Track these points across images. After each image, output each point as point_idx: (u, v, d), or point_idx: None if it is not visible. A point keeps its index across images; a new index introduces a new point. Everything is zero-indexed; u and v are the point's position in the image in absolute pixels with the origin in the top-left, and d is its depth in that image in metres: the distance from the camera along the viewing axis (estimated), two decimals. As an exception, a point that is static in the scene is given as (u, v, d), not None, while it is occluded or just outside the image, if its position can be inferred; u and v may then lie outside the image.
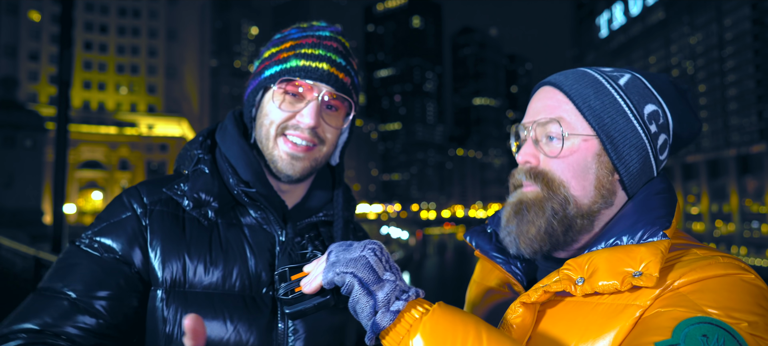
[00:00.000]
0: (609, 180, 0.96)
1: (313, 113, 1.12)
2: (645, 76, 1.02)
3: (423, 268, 60.78)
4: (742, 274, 0.81)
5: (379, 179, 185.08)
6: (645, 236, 0.88)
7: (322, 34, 1.19)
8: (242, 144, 1.18)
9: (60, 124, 8.68)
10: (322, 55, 1.15)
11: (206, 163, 1.18)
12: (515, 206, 0.99)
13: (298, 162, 1.16)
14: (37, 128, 27.34)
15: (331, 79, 1.14)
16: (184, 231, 1.11)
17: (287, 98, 1.15)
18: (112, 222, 1.10)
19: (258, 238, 1.15)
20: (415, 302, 0.81)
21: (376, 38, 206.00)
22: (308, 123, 1.13)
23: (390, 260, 0.88)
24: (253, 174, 1.16)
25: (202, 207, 1.13)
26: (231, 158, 1.18)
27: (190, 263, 1.09)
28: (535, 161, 0.99)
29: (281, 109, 1.14)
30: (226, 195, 1.16)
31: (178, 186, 1.16)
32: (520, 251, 0.98)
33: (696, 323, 0.74)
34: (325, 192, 1.29)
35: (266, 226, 1.16)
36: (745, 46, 70.95)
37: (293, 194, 1.24)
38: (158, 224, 1.11)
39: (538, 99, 1.03)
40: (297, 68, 1.14)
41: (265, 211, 1.16)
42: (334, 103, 1.17)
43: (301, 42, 1.17)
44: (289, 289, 0.92)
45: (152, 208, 1.12)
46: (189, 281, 1.08)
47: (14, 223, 22.13)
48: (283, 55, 1.17)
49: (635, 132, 0.96)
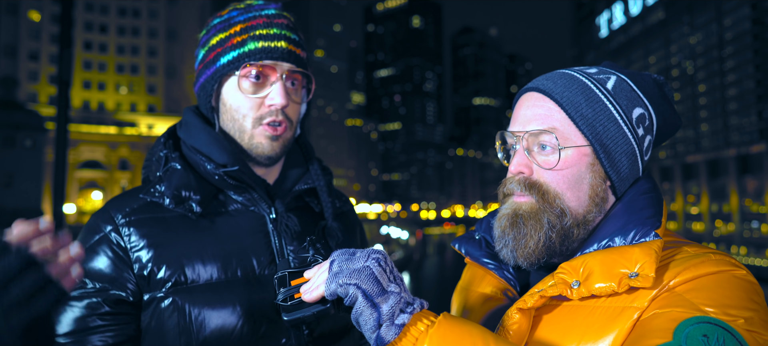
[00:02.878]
0: (602, 188, 0.96)
1: (282, 92, 1.13)
2: (629, 77, 1.01)
3: (423, 268, 60.82)
4: (734, 270, 0.82)
5: (379, 179, 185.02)
6: (637, 237, 0.87)
7: (271, 13, 1.18)
8: (210, 131, 1.17)
9: (60, 124, 8.68)
10: (278, 33, 1.15)
11: (176, 159, 1.15)
12: (511, 218, 0.96)
13: (276, 142, 1.16)
14: (37, 128, 27.35)
15: (292, 56, 1.15)
16: (170, 230, 1.09)
17: (251, 83, 1.14)
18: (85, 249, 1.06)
19: (248, 220, 1.15)
20: (419, 315, 0.80)
21: (376, 38, 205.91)
22: (280, 103, 1.13)
23: (394, 269, 0.85)
24: (230, 155, 1.14)
25: (185, 202, 1.11)
26: (201, 147, 1.15)
27: (187, 260, 1.07)
28: (528, 172, 0.97)
29: (250, 97, 1.14)
30: (206, 185, 1.14)
31: (154, 189, 1.13)
32: (518, 263, 0.96)
33: (695, 324, 0.74)
34: (299, 166, 1.30)
35: (253, 207, 1.16)
36: (744, 46, 70.93)
37: (270, 175, 1.24)
38: (140, 232, 1.08)
39: (527, 106, 0.99)
40: (257, 50, 1.12)
41: (248, 191, 1.16)
42: (295, 77, 1.18)
43: (252, 23, 1.15)
44: (288, 295, 0.90)
45: (128, 219, 1.09)
46: (189, 278, 1.07)
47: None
48: (236, 39, 1.14)
49: (626, 138, 0.96)
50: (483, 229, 1.14)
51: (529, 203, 0.95)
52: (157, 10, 73.07)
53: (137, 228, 1.08)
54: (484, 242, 1.12)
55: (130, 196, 1.14)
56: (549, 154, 0.95)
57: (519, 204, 0.96)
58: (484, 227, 1.13)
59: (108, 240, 1.07)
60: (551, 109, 0.96)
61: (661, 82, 1.04)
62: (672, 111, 1.04)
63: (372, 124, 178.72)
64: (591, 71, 1.01)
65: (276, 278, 0.94)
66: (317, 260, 0.96)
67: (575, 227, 0.95)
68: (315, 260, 0.96)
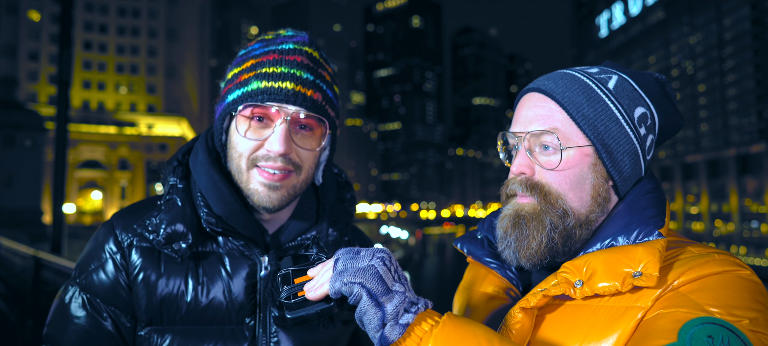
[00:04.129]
0: (604, 188, 0.96)
1: (282, 139, 1.02)
2: (631, 76, 1.01)
3: (423, 268, 60.82)
4: (738, 270, 0.82)
5: (379, 179, 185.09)
6: (640, 236, 0.87)
7: (285, 48, 1.07)
8: (212, 174, 1.09)
9: (59, 124, 8.69)
10: (284, 72, 1.04)
11: (179, 192, 1.11)
12: (513, 219, 0.96)
13: (274, 192, 1.05)
14: (36, 128, 27.36)
15: (299, 98, 1.03)
16: (160, 266, 1.07)
17: (253, 125, 1.04)
18: (92, 267, 1.09)
19: (238, 265, 1.09)
20: (424, 315, 0.79)
21: (376, 38, 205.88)
22: (278, 150, 1.02)
23: (399, 269, 0.85)
24: (226, 206, 1.07)
25: (175, 242, 1.06)
26: (202, 189, 1.09)
27: (167, 299, 1.06)
28: (529, 172, 0.96)
29: (247, 138, 1.04)
30: (200, 228, 1.10)
31: (150, 221, 1.10)
32: (521, 264, 0.96)
33: (700, 325, 0.74)
34: (307, 220, 1.18)
35: (247, 252, 1.10)
36: (744, 46, 70.94)
37: (275, 221, 1.16)
38: (137, 259, 1.08)
39: (528, 106, 0.99)
40: (258, 91, 1.03)
41: (244, 239, 1.10)
42: (307, 122, 1.06)
43: (262, 60, 1.06)
44: (292, 293, 0.89)
45: (131, 241, 1.09)
46: (167, 316, 1.06)
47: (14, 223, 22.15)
48: (244, 77, 1.06)
49: (628, 138, 0.95)
50: (485, 228, 1.13)
51: (532, 204, 0.95)
52: (157, 10, 73.05)
53: (137, 254, 1.08)
54: (486, 241, 1.11)
55: (134, 215, 1.12)
56: (551, 154, 0.95)
57: (521, 205, 0.96)
58: (487, 227, 1.13)
59: (113, 261, 1.08)
60: (553, 109, 0.96)
61: (662, 81, 1.03)
62: (674, 110, 1.03)
63: (372, 124, 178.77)
64: (592, 71, 1.00)
65: (279, 275, 0.93)
66: (321, 259, 0.95)
67: (578, 228, 0.94)
68: (319, 258, 0.95)
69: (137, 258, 1.08)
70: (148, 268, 1.07)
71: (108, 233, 1.10)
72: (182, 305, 1.06)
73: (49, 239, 10.57)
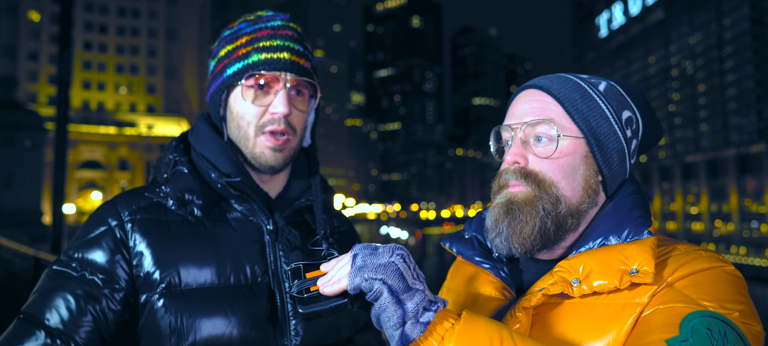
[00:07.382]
0: (595, 181, 0.99)
1: (284, 101, 1.17)
2: (618, 83, 1.06)
3: (422, 268, 60.62)
4: (724, 266, 0.86)
5: (379, 179, 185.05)
6: (631, 235, 0.91)
7: (275, 25, 1.23)
8: (218, 140, 1.22)
9: (59, 124, 8.68)
10: (280, 45, 1.19)
11: (184, 164, 1.20)
12: (505, 206, 0.98)
13: (279, 153, 1.20)
14: (36, 128, 27.33)
15: (294, 66, 1.19)
16: (170, 233, 1.12)
17: (256, 92, 1.19)
18: (88, 238, 1.11)
19: (246, 230, 1.18)
20: (444, 313, 0.79)
21: (376, 38, 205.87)
22: (282, 111, 1.17)
23: (417, 267, 0.85)
24: (234, 166, 1.18)
25: (187, 206, 1.15)
26: (209, 155, 1.20)
27: (182, 263, 1.10)
28: (523, 162, 0.99)
29: (254, 105, 1.18)
30: (209, 192, 1.18)
31: (160, 189, 1.18)
32: (512, 251, 0.97)
33: (698, 318, 0.78)
34: (303, 179, 1.33)
35: (252, 217, 1.19)
36: (744, 46, 70.96)
37: (273, 185, 1.28)
38: (142, 232, 1.11)
39: (524, 101, 1.03)
40: (260, 62, 1.18)
41: (249, 202, 1.19)
42: (300, 88, 1.22)
43: (257, 35, 1.21)
44: (304, 287, 0.87)
45: (133, 217, 1.13)
46: (184, 281, 1.09)
47: (14, 223, 22.13)
48: (241, 52, 1.20)
49: (616, 136, 1.00)
50: (473, 228, 1.14)
51: (525, 191, 0.97)
52: (157, 10, 73.03)
53: (140, 227, 1.12)
54: (476, 241, 1.12)
55: (136, 194, 1.18)
56: (546, 144, 0.98)
57: (513, 193, 0.98)
58: (475, 227, 1.14)
59: (112, 234, 1.11)
60: (548, 102, 1.00)
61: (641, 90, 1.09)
62: (655, 118, 1.09)
63: (372, 124, 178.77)
64: (583, 76, 1.06)
65: (289, 269, 0.91)
66: (332, 254, 0.93)
67: (569, 217, 0.97)
68: (330, 253, 0.95)
69: (142, 230, 1.11)
70: (158, 237, 1.11)
71: (108, 207, 1.15)
72: (199, 267, 1.10)
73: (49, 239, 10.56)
